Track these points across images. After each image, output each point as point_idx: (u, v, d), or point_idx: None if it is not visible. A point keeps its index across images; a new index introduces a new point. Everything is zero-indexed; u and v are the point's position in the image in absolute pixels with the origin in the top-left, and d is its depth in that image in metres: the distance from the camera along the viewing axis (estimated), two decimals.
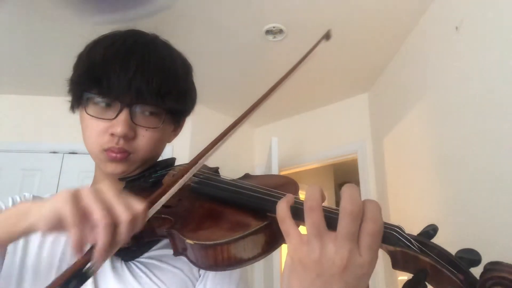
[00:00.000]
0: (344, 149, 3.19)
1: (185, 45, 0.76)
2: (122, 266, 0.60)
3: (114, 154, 0.60)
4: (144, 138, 0.62)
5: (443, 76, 1.93)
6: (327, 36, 0.73)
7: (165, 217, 0.52)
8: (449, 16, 1.89)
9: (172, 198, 0.47)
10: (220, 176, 0.61)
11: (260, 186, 0.51)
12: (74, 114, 0.66)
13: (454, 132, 1.80)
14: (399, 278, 2.31)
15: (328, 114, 3.39)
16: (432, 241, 0.40)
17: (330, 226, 0.38)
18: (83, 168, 2.76)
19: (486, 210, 1.51)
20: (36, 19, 2.19)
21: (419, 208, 2.13)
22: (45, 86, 2.90)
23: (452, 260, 0.37)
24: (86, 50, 0.65)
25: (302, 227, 0.40)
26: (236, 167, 3.01)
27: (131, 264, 0.61)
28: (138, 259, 0.62)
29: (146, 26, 0.70)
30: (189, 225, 0.49)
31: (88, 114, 0.61)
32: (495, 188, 1.46)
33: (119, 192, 0.43)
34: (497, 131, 1.47)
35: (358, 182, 3.00)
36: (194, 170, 0.49)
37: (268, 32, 2.35)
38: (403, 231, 0.40)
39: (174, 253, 0.50)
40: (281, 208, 0.41)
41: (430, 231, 0.40)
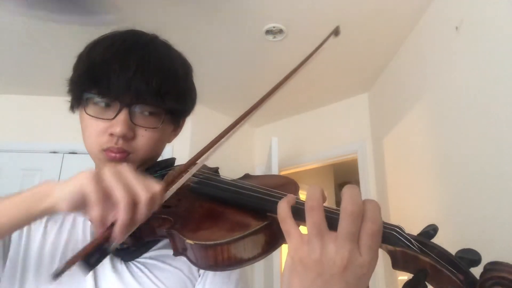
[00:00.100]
0: (344, 149, 3.19)
1: (185, 44, 0.76)
2: (122, 266, 0.60)
3: (113, 154, 0.60)
4: (143, 138, 0.62)
5: (443, 76, 1.93)
6: (336, 32, 0.72)
7: (165, 217, 0.52)
8: (449, 16, 1.89)
9: (172, 198, 0.47)
10: (220, 176, 0.61)
11: (260, 186, 0.51)
12: (74, 114, 0.66)
13: (454, 132, 1.80)
14: (399, 278, 2.31)
15: (328, 114, 3.39)
16: (432, 241, 0.40)
17: (330, 226, 0.38)
18: (83, 168, 2.73)
19: (486, 210, 1.50)
20: (36, 19, 2.18)
21: (419, 208, 2.12)
22: (45, 86, 2.90)
23: (452, 260, 0.37)
24: (86, 50, 0.65)
25: (302, 227, 0.40)
26: (236, 167, 2.99)
27: (131, 264, 0.61)
28: (138, 259, 0.62)
29: (146, 27, 0.70)
30: (189, 225, 0.49)
31: (87, 114, 0.61)
32: (495, 188, 1.46)
33: (138, 173, 0.45)
34: (497, 131, 1.47)
35: (358, 182, 2.99)
36: (209, 155, 0.50)
37: (268, 32, 2.35)
38: (403, 231, 0.40)
39: (174, 253, 0.50)
40: (282, 207, 0.41)
41: (430, 231, 0.40)
